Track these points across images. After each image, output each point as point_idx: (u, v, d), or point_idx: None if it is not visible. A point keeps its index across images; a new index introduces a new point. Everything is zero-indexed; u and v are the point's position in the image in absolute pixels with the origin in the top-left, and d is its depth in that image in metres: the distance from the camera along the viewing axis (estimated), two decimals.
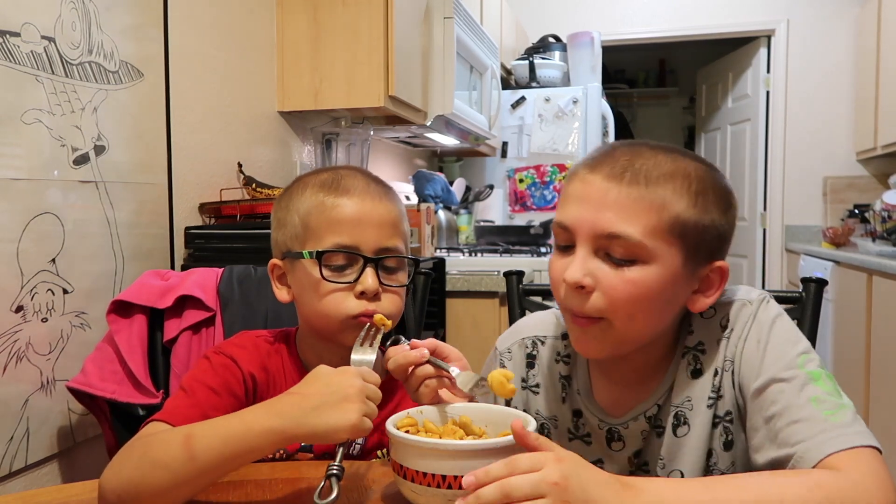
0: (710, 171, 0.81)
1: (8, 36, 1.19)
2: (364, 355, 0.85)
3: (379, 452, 0.96)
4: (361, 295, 0.90)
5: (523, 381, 0.96)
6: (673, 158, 0.79)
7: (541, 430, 0.93)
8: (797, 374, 0.75)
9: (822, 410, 0.72)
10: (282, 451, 0.93)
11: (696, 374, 0.84)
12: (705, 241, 0.79)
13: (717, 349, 0.83)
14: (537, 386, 0.95)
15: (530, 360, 0.96)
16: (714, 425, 0.83)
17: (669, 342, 0.86)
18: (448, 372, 0.82)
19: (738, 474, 0.75)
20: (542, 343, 0.96)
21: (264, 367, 0.94)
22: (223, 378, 0.89)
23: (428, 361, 0.83)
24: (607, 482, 0.65)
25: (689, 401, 0.84)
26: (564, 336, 0.94)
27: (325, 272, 0.90)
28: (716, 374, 0.83)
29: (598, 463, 0.89)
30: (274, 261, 0.97)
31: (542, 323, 0.97)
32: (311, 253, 0.91)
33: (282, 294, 0.97)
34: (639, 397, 0.87)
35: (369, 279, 0.90)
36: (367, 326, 0.89)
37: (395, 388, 0.99)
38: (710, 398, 0.83)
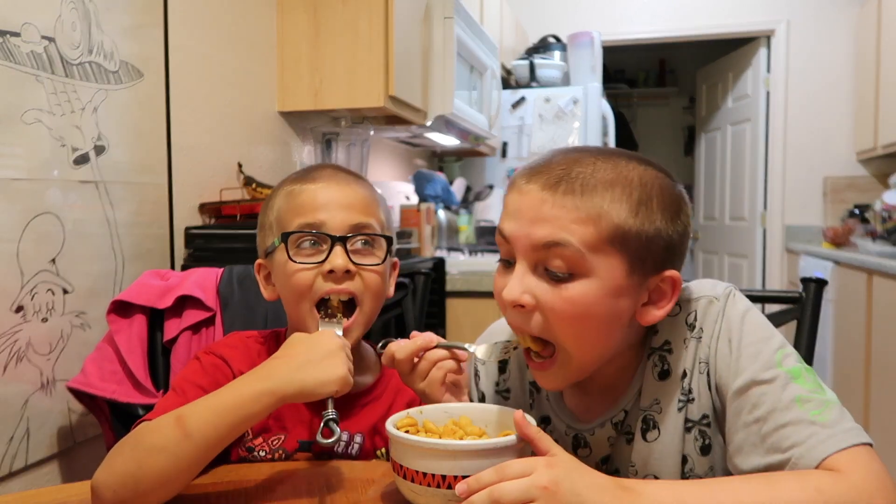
0: (657, 177, 0.76)
1: (8, 36, 1.19)
2: (333, 328, 0.87)
3: (378, 452, 0.96)
4: (329, 274, 0.90)
5: (496, 384, 0.95)
6: (614, 165, 0.75)
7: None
8: (777, 374, 0.73)
9: (809, 411, 0.70)
10: (281, 451, 0.93)
11: (664, 375, 0.81)
12: (651, 252, 0.75)
13: (685, 349, 0.80)
14: (508, 391, 0.94)
15: (502, 365, 0.94)
16: (687, 430, 0.80)
17: (636, 346, 0.83)
18: (463, 349, 0.84)
19: (735, 476, 0.73)
20: (515, 348, 0.90)
21: (254, 366, 0.93)
22: (213, 378, 0.89)
23: (436, 346, 0.84)
24: (603, 486, 0.65)
25: (657, 403, 0.81)
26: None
27: (292, 252, 0.90)
28: (685, 375, 0.80)
29: None
30: (259, 261, 0.99)
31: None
32: (279, 239, 0.92)
33: (267, 293, 0.98)
34: (608, 403, 0.84)
35: (338, 258, 0.89)
36: (325, 310, 0.91)
37: (384, 391, 0.99)
38: (679, 401, 0.80)
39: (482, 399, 0.95)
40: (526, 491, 0.62)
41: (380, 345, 0.88)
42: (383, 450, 0.96)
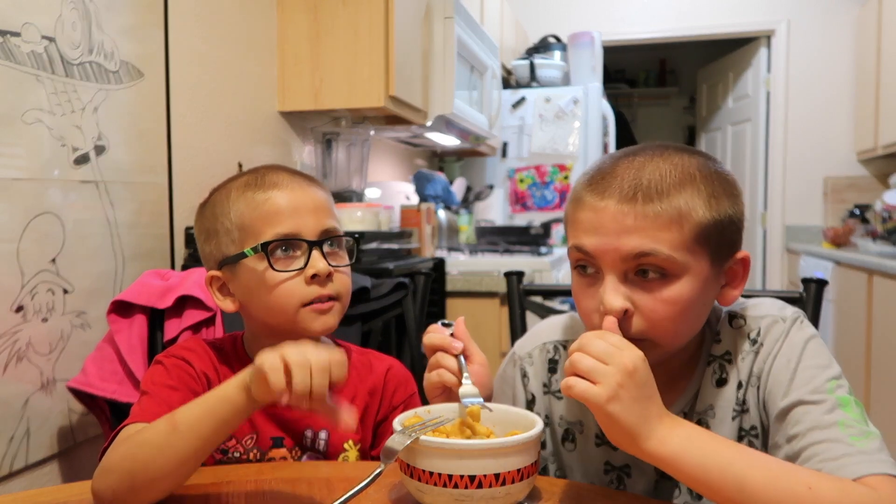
0: (709, 163, 0.80)
1: (8, 36, 1.19)
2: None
3: (345, 444, 0.96)
4: (313, 279, 0.90)
5: (545, 385, 0.94)
6: (674, 163, 0.77)
7: (565, 435, 0.92)
8: (826, 399, 0.74)
9: (849, 435, 0.71)
10: (256, 451, 0.93)
11: (721, 383, 0.84)
12: (726, 238, 0.79)
13: (743, 361, 0.83)
14: (559, 391, 0.93)
15: (552, 365, 0.94)
16: (740, 438, 0.83)
17: (696, 346, 0.85)
18: (460, 380, 0.84)
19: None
20: (565, 348, 0.94)
21: (215, 367, 0.95)
22: (179, 376, 0.90)
23: (457, 356, 0.84)
24: (660, 405, 0.70)
25: (711, 409, 0.84)
26: None
27: (273, 262, 0.90)
28: (740, 386, 0.83)
29: (624, 469, 0.88)
30: (211, 273, 0.95)
31: (562, 327, 0.95)
32: (254, 249, 0.90)
33: (226, 304, 0.95)
34: (666, 403, 0.85)
35: (319, 262, 0.90)
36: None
37: (345, 383, 0.98)
38: (734, 410, 0.83)
39: (531, 401, 0.94)
40: (609, 354, 0.68)
41: (440, 322, 0.90)
42: (351, 442, 0.96)
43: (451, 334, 0.87)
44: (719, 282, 0.81)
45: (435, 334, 0.86)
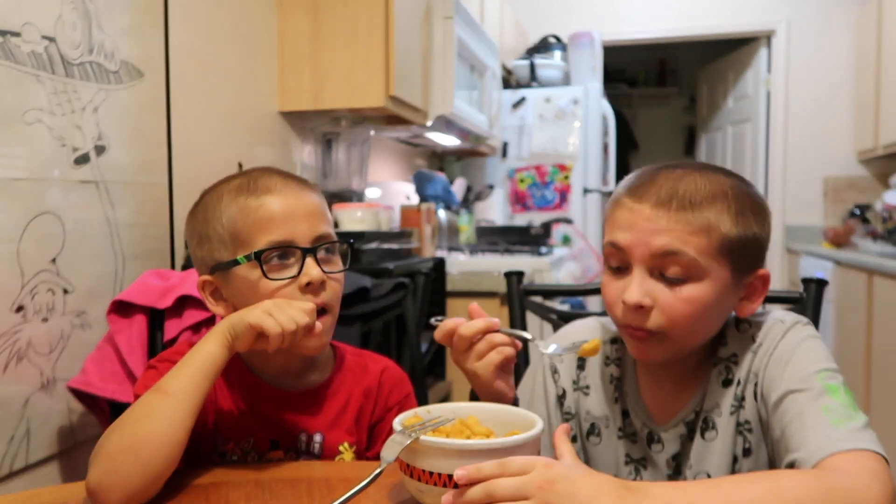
0: (742, 185, 0.85)
1: (8, 36, 1.19)
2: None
3: (341, 447, 0.96)
4: (307, 287, 0.89)
5: (574, 382, 1.00)
6: (709, 179, 0.83)
7: (591, 429, 0.98)
8: (813, 386, 0.78)
9: (831, 419, 0.74)
10: (254, 454, 0.93)
11: (727, 383, 0.89)
12: (748, 253, 0.84)
13: (745, 361, 0.88)
14: (587, 387, 0.99)
15: (581, 363, 1.00)
16: (738, 433, 0.87)
17: (707, 350, 0.91)
18: (523, 338, 0.87)
19: (742, 474, 0.80)
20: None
21: None
22: None
23: (499, 330, 0.86)
24: (604, 487, 0.65)
25: (718, 407, 0.89)
26: (613, 341, 0.98)
27: (267, 271, 0.88)
28: (739, 383, 0.88)
29: (641, 461, 0.94)
30: (203, 277, 0.94)
31: (589, 329, 1.02)
32: (247, 257, 0.89)
33: (219, 309, 0.94)
34: (679, 403, 0.91)
35: (313, 270, 0.89)
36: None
37: (340, 386, 0.99)
38: (732, 405, 0.88)
39: (562, 395, 0.99)
40: (521, 488, 0.64)
41: (433, 319, 0.90)
42: (346, 444, 0.96)
43: None
44: (738, 294, 0.86)
45: (477, 321, 0.86)
